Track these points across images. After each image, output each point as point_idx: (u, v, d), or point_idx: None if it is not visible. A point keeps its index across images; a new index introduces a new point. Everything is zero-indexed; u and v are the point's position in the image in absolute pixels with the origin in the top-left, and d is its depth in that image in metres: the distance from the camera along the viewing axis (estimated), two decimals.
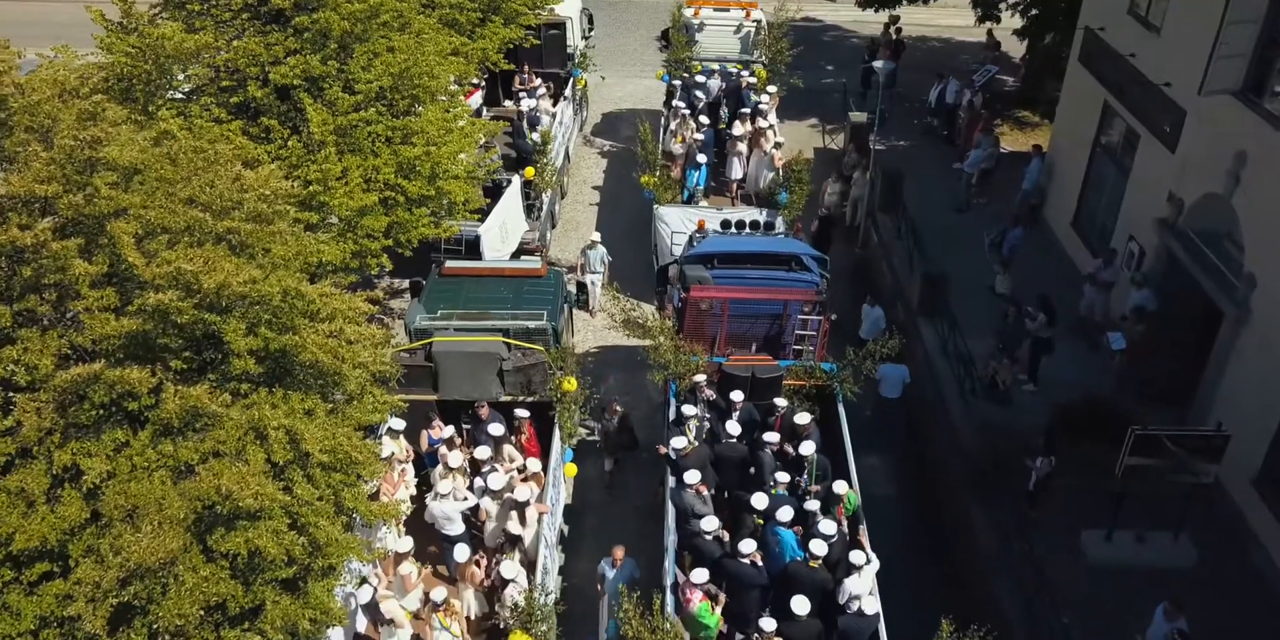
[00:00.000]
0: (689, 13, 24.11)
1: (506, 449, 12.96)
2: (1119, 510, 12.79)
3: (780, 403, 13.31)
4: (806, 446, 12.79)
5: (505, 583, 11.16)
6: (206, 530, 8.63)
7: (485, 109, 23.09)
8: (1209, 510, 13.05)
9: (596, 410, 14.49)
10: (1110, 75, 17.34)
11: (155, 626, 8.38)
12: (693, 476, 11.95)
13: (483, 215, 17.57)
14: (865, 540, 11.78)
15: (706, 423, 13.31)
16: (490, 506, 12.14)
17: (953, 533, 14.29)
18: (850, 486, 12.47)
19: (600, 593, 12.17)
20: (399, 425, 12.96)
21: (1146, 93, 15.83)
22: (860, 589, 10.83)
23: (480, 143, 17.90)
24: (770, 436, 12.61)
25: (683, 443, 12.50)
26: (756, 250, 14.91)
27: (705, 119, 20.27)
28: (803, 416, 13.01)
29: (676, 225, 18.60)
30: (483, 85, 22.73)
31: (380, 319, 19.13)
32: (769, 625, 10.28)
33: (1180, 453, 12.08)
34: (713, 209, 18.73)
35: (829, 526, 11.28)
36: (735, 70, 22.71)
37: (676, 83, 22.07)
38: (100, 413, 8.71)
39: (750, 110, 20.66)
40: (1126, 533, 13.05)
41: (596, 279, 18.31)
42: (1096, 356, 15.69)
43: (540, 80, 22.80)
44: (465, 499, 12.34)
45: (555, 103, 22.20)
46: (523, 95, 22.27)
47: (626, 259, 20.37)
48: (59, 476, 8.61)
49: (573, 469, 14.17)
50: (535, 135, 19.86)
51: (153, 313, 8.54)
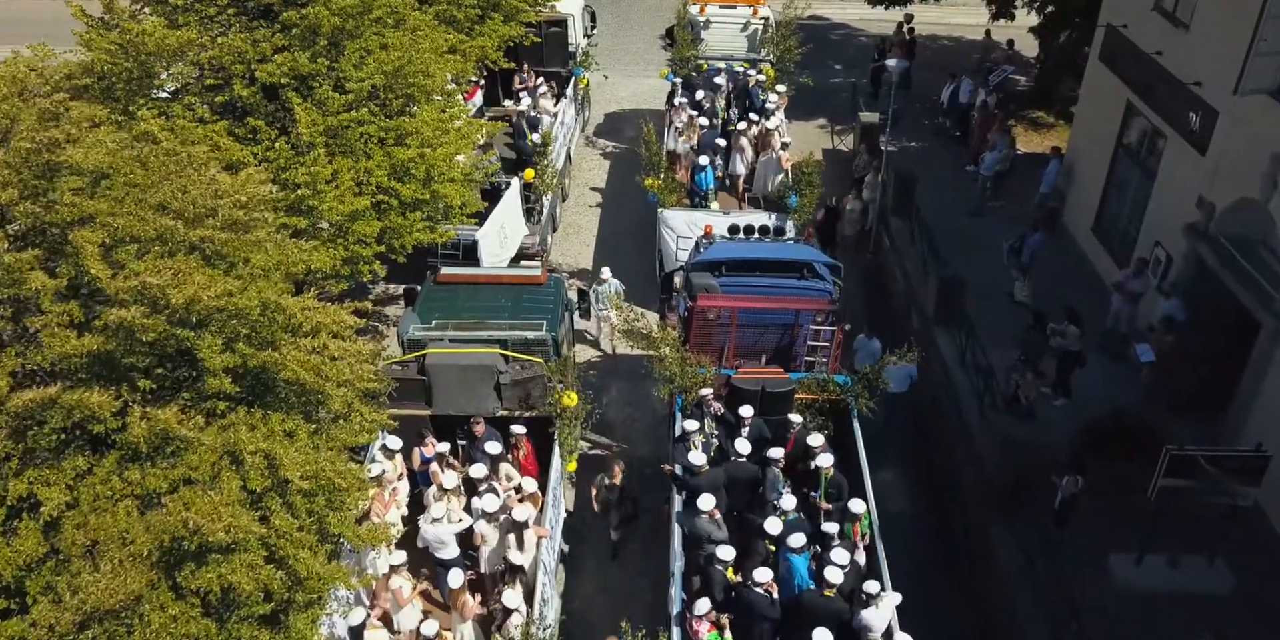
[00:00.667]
0: (694, 9, 23.43)
1: (504, 468, 12.29)
2: (1151, 532, 12.10)
3: (794, 419, 12.63)
4: (824, 458, 12.13)
5: (508, 613, 10.49)
6: (175, 566, 7.96)
7: (485, 109, 22.48)
8: (1246, 533, 12.35)
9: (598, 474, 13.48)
10: (1134, 74, 16.63)
11: None
12: (707, 502, 11.25)
13: (481, 219, 16.93)
14: (884, 568, 11.08)
15: (714, 440, 12.63)
16: (486, 530, 11.47)
17: (973, 553, 13.59)
18: (867, 505, 11.81)
19: None
20: (394, 443, 12.29)
21: (1174, 92, 15.13)
22: (879, 622, 10.15)
23: (478, 144, 17.26)
24: (775, 452, 11.92)
25: (701, 459, 11.82)
26: (766, 257, 14.20)
27: (704, 120, 19.57)
28: (815, 437, 12.32)
29: (682, 230, 17.90)
30: (482, 84, 22.08)
31: (374, 327, 18.49)
32: None
33: (1218, 474, 11.38)
34: (720, 213, 18.02)
35: (842, 555, 10.59)
36: (742, 69, 22.02)
37: (677, 80, 21.40)
38: (60, 437, 8.05)
39: (758, 109, 19.98)
40: (1158, 556, 12.36)
41: (613, 316, 16.51)
42: (1122, 369, 14.99)
43: (541, 79, 22.11)
44: (459, 521, 11.66)
45: (556, 102, 21.52)
46: (523, 95, 21.62)
47: (630, 264, 19.67)
48: (15, 507, 7.96)
49: (572, 464, 13.41)
50: (535, 136, 19.19)
51: (116, 330, 7.88)
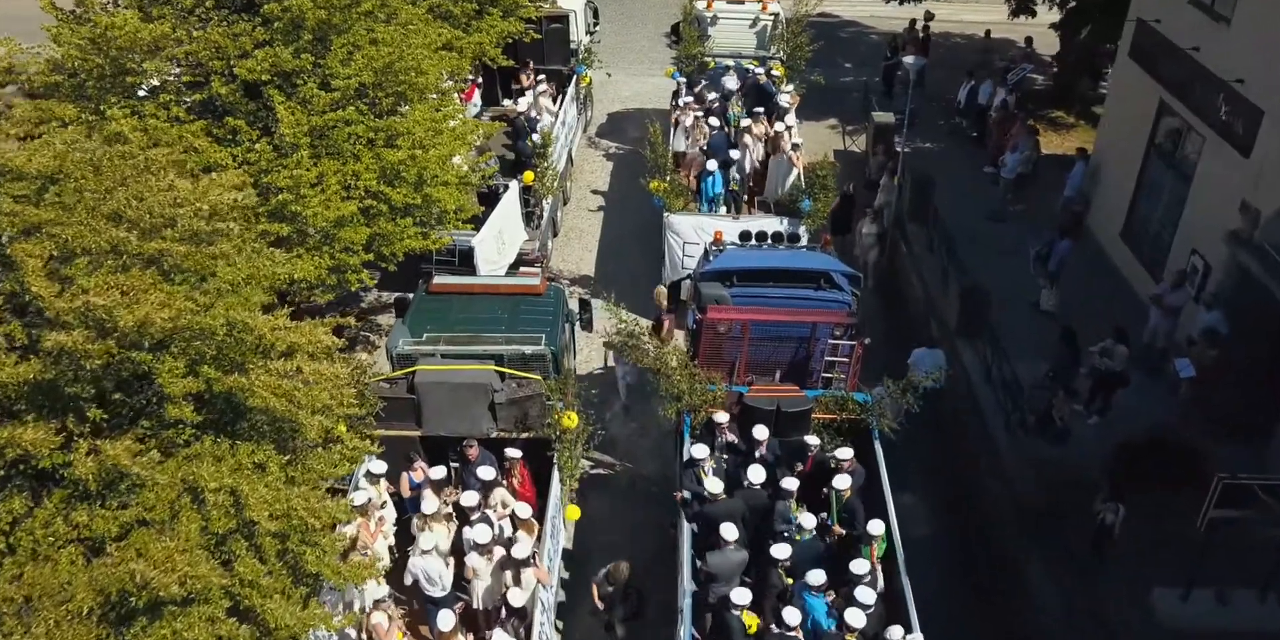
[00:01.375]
0: (701, 5, 22.53)
1: (499, 494, 11.40)
2: (1198, 564, 11.20)
3: (811, 441, 11.74)
4: (841, 480, 11.24)
5: None
6: (123, 622, 7.08)
7: (485, 109, 21.60)
8: None
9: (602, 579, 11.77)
10: (1168, 71, 15.72)
11: None
12: (731, 533, 10.36)
13: (477, 224, 16.06)
14: (910, 606, 10.17)
15: (724, 464, 11.75)
16: (478, 563, 10.58)
17: (1004, 586, 12.68)
18: (890, 536, 10.93)
19: None
20: (379, 468, 11.41)
21: (1213, 90, 14.22)
22: None
23: (475, 145, 16.38)
24: (790, 483, 11.02)
25: (718, 487, 10.94)
26: (780, 266, 13.30)
27: (714, 121, 18.68)
28: (845, 450, 11.44)
29: (689, 235, 17.04)
30: (480, 83, 21.20)
31: (365, 337, 17.61)
32: None
33: (1274, 504, 10.48)
34: (728, 218, 17.14)
35: (868, 595, 9.69)
36: (751, 67, 21.13)
37: (683, 80, 20.49)
38: None
39: (766, 108, 19.07)
40: (1206, 590, 11.45)
41: (629, 373, 15.02)
42: (1159, 384, 14.08)
43: (542, 77, 21.17)
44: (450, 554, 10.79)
45: (558, 102, 20.61)
46: (529, 93, 20.65)
47: (634, 272, 18.81)
48: None
49: (575, 512, 12.61)
50: (535, 136, 18.30)
51: (58, 356, 7.00)
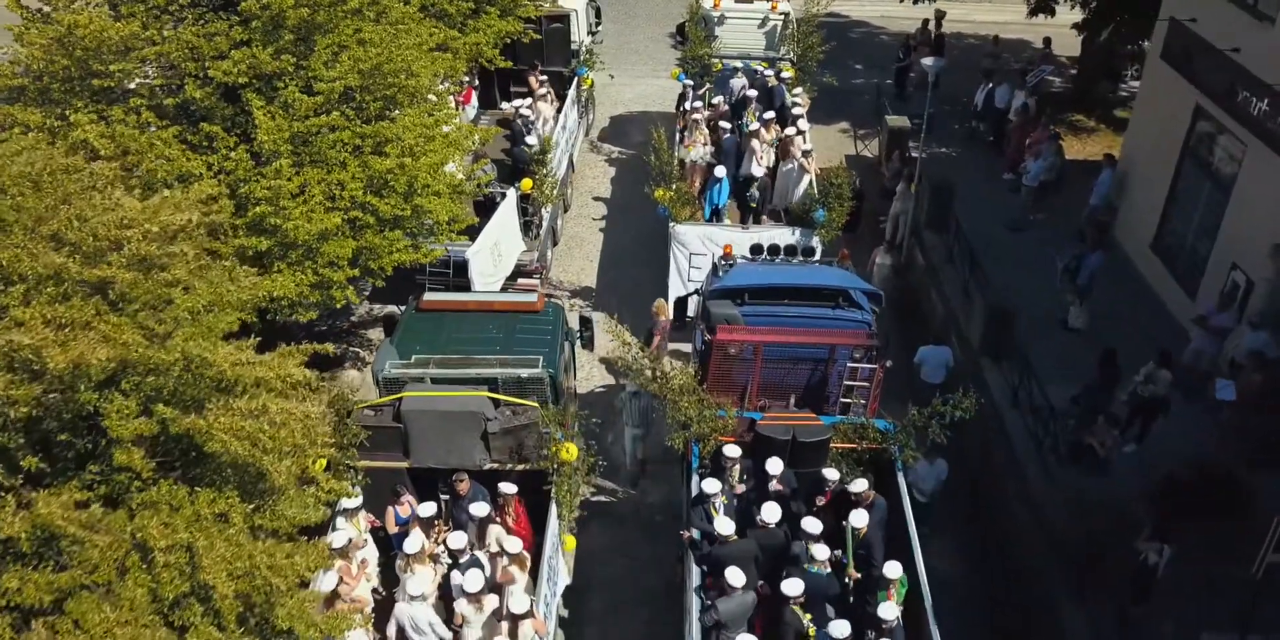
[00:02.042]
0: (708, 4, 21.63)
1: (492, 531, 10.50)
2: (1253, 611, 10.31)
3: (830, 475, 10.85)
4: (858, 516, 10.36)
5: None
6: None
7: (483, 112, 20.73)
8: None
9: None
10: (1204, 74, 14.82)
11: None
12: (737, 578, 9.48)
13: (472, 235, 15.20)
14: None
15: (734, 501, 10.86)
16: (467, 611, 9.68)
17: (1037, 629, 11.78)
18: (917, 578, 10.04)
19: None
20: (353, 503, 10.54)
21: (1256, 94, 13.33)
22: None
23: (471, 150, 15.50)
24: (811, 526, 10.11)
25: (729, 528, 10.07)
26: (795, 283, 12.39)
27: (726, 124, 17.79)
28: (860, 482, 10.55)
29: (695, 246, 16.17)
30: (477, 86, 20.32)
31: (355, 353, 16.73)
32: None
33: None
34: (736, 227, 16.26)
35: None
36: (760, 68, 20.23)
37: (689, 82, 19.61)
38: None
39: (775, 112, 18.19)
40: (1258, 638, 10.56)
41: (638, 435, 13.69)
42: (1196, 407, 13.15)
43: (544, 78, 20.24)
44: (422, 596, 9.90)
45: (558, 107, 19.71)
46: (535, 95, 19.72)
47: (638, 282, 17.91)
48: None
49: (571, 542, 11.72)
50: (531, 138, 17.39)
51: None
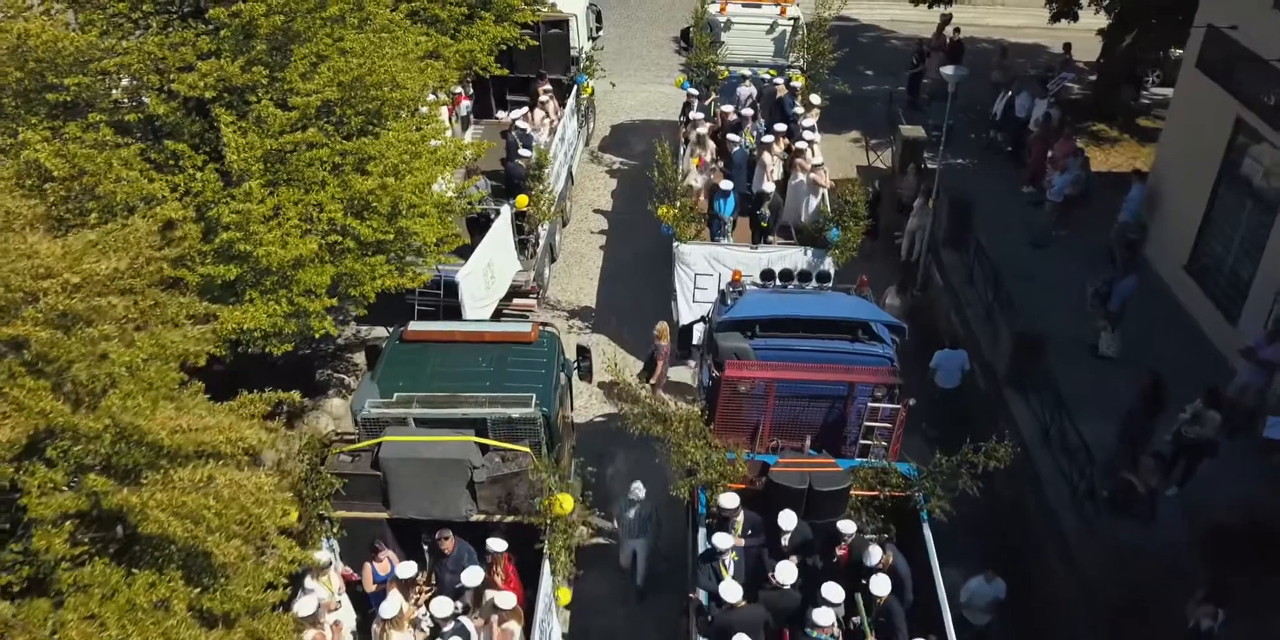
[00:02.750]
0: (714, 8, 20.64)
1: (488, 597, 9.52)
2: None
3: (845, 529, 9.88)
4: (879, 583, 9.40)
5: None
6: None
7: (476, 120, 19.78)
8: None
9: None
10: (1247, 85, 13.85)
11: None
12: None
13: (464, 254, 14.29)
14: None
15: (743, 557, 9.91)
16: None
17: None
18: None
19: None
20: (324, 558, 9.59)
21: None
22: None
23: (464, 165, 14.55)
24: (832, 594, 9.12)
25: (736, 594, 9.11)
26: (811, 315, 11.41)
27: (735, 136, 16.81)
28: (874, 550, 9.58)
29: (700, 266, 15.22)
30: (471, 94, 19.37)
31: (339, 380, 15.78)
32: None
33: None
34: (745, 247, 15.29)
35: None
36: (768, 76, 19.26)
37: (694, 91, 18.65)
38: None
39: (786, 125, 17.22)
40: None
41: (640, 547, 11.89)
42: (1241, 446, 12.19)
43: (548, 87, 19.25)
44: None
45: (560, 115, 18.72)
46: (541, 103, 18.71)
47: (640, 300, 16.94)
48: None
49: (566, 595, 10.76)
50: (526, 151, 16.45)
51: None
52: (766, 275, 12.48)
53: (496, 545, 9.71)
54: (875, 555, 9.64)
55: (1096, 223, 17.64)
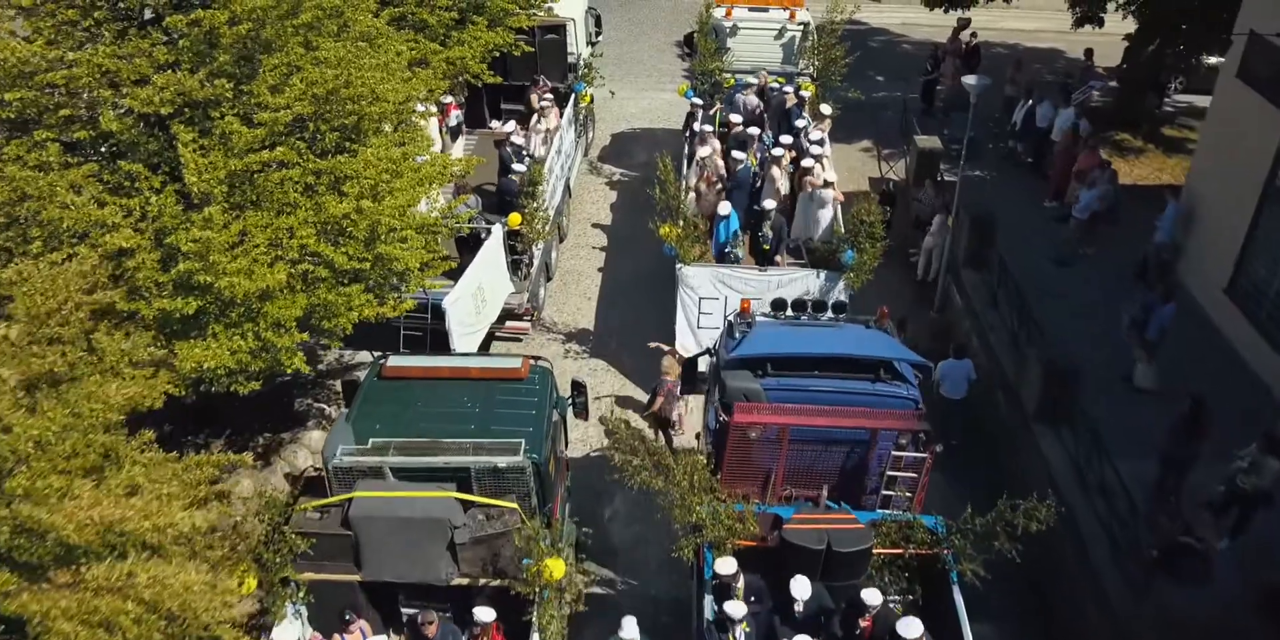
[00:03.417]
0: (719, 13, 19.66)
1: None
2: None
3: (872, 601, 8.85)
4: None
5: None
6: None
7: (468, 131, 18.80)
8: None
9: None
10: None
11: None
12: None
13: (453, 275, 13.34)
14: None
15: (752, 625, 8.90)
16: None
17: None
18: None
19: None
20: (292, 633, 8.60)
21: None
22: None
23: (451, 182, 13.57)
24: None
25: None
26: (828, 353, 10.40)
27: (740, 154, 15.81)
28: (913, 623, 8.53)
29: (705, 289, 14.26)
30: (462, 103, 18.38)
31: (320, 410, 14.77)
32: None
33: None
34: (753, 269, 14.29)
35: None
36: (777, 85, 18.26)
37: (698, 101, 17.66)
38: None
39: (793, 139, 16.21)
40: None
41: None
42: None
43: (550, 96, 18.26)
44: None
45: (551, 122, 17.74)
46: (542, 112, 17.71)
47: (640, 325, 15.91)
48: None
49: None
50: (518, 165, 15.46)
51: None
52: (777, 305, 11.45)
53: (484, 615, 8.70)
54: (916, 629, 8.57)
55: (1124, 239, 16.65)
